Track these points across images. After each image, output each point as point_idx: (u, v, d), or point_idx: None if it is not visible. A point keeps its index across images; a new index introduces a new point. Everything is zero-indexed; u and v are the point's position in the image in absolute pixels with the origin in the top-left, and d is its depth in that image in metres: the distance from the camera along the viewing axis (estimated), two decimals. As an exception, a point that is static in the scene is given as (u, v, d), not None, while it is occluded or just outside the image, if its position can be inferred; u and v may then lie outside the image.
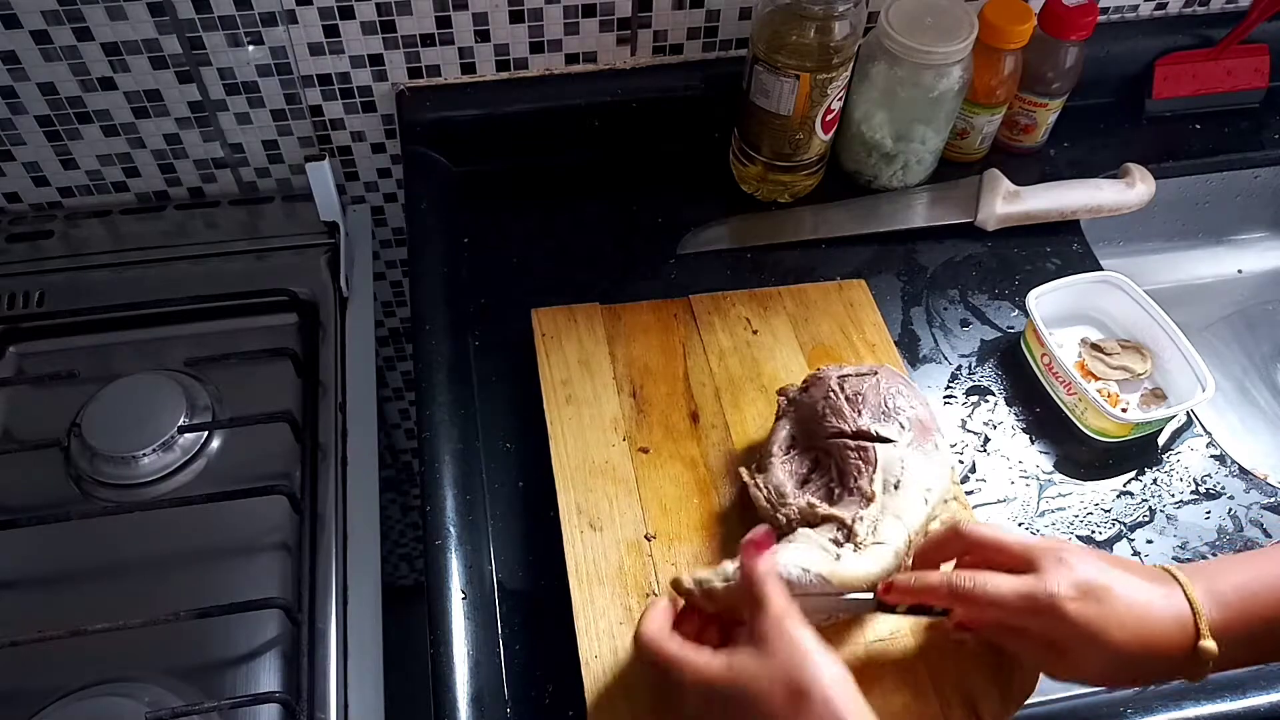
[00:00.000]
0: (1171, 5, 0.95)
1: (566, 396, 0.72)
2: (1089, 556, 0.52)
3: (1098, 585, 0.50)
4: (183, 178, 0.90)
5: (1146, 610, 0.50)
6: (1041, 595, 0.50)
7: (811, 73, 0.76)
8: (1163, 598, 0.50)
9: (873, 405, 0.62)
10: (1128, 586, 0.50)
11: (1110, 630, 0.49)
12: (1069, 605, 0.49)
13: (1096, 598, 0.50)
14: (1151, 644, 0.49)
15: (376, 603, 0.70)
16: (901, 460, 0.60)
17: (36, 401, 0.79)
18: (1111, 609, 0.50)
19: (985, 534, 0.54)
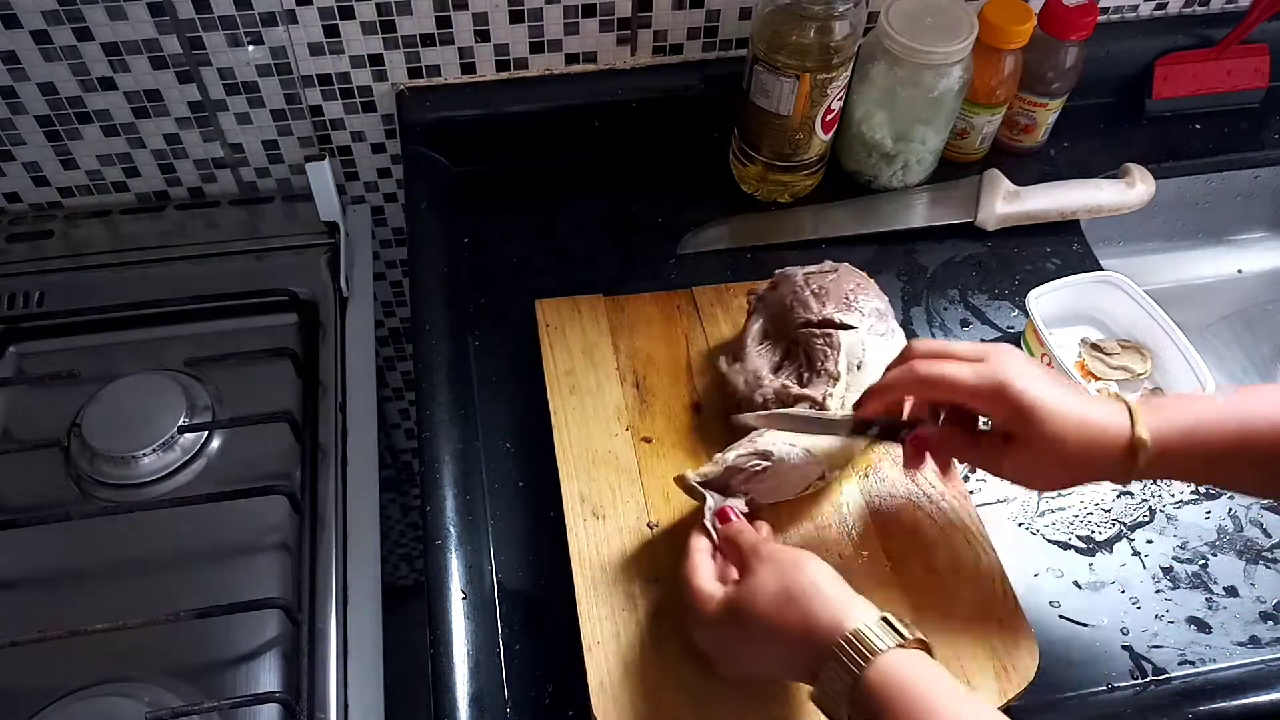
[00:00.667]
0: (1171, 5, 0.95)
1: (570, 387, 0.72)
2: (1030, 359, 0.57)
3: (1042, 374, 0.56)
4: (183, 178, 0.90)
5: (1086, 403, 0.55)
6: (991, 372, 0.55)
7: (811, 73, 0.76)
8: (1101, 400, 0.56)
9: (835, 297, 0.69)
10: (1069, 386, 0.56)
11: (1049, 408, 0.54)
12: (1015, 381, 0.54)
13: (1042, 380, 0.55)
14: (1090, 430, 0.54)
15: (376, 603, 0.70)
16: (863, 343, 0.67)
17: (36, 401, 0.79)
18: (1054, 393, 0.54)
19: (935, 344, 0.59)
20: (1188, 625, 0.65)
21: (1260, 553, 0.69)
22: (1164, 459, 0.54)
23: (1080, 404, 0.55)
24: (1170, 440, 0.54)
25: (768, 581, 0.53)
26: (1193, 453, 0.54)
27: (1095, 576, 0.67)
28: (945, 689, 0.47)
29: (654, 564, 0.63)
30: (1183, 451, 0.54)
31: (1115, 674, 0.63)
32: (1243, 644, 0.65)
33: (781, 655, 0.52)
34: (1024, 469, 0.57)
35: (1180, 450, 0.54)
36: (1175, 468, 0.56)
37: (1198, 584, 0.67)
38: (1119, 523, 0.70)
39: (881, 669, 0.47)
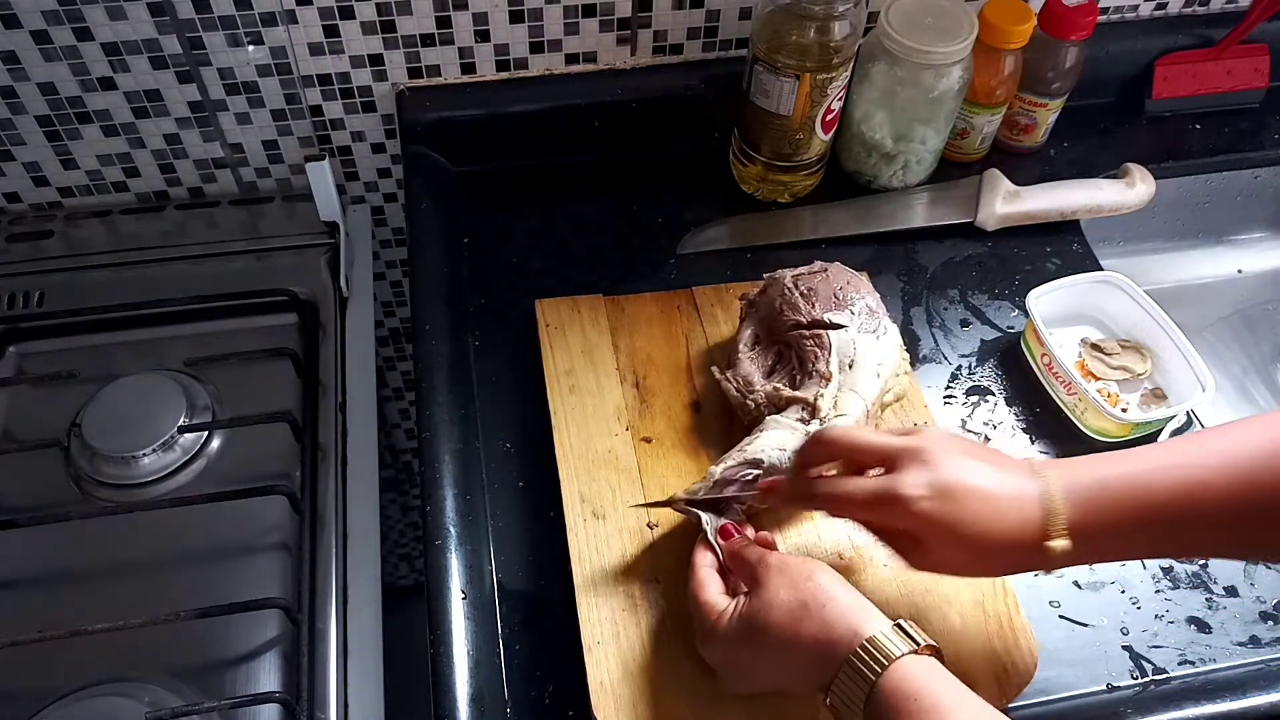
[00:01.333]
0: (1171, 5, 0.95)
1: (570, 387, 0.72)
2: (951, 452, 0.53)
3: (951, 483, 0.51)
4: (183, 178, 0.90)
5: (998, 508, 0.51)
6: (889, 496, 0.52)
7: (811, 73, 0.76)
8: (1015, 495, 0.52)
9: (824, 297, 0.69)
10: (983, 482, 0.52)
11: (963, 526, 0.51)
12: (919, 504, 0.51)
13: (949, 495, 0.51)
14: (1005, 538, 0.51)
15: (376, 603, 0.70)
16: (854, 342, 0.67)
17: (36, 401, 0.79)
18: (964, 505, 0.51)
19: (844, 438, 0.57)
20: (1188, 625, 0.65)
21: (1260, 553, 0.69)
22: (1081, 554, 0.51)
23: (990, 515, 0.51)
24: (1087, 537, 0.51)
25: (780, 593, 0.52)
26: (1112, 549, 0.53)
27: (1095, 576, 0.67)
28: (957, 694, 0.47)
29: (654, 564, 0.63)
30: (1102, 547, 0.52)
31: (1115, 674, 0.63)
32: (1243, 644, 0.65)
33: (797, 666, 0.52)
34: (932, 567, 0.54)
35: (1100, 546, 0.52)
36: (1097, 556, 0.53)
37: (1198, 584, 0.67)
38: (1119, 523, 0.70)
39: (896, 675, 0.47)
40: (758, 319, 0.72)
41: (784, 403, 0.65)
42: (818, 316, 0.68)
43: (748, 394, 0.68)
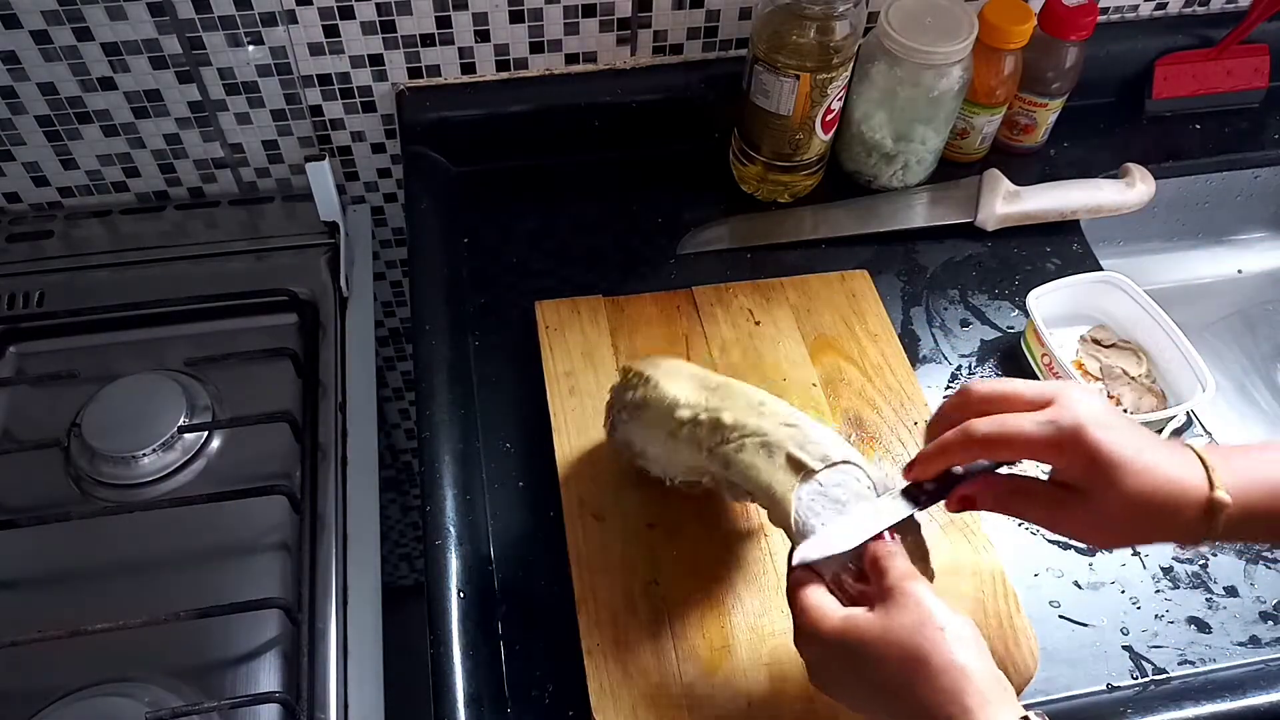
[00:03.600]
0: (1171, 5, 0.95)
1: (570, 388, 0.72)
2: (1106, 403, 0.50)
3: (1118, 417, 0.49)
4: (183, 178, 0.90)
5: (1161, 456, 0.48)
6: (1066, 422, 0.48)
7: (811, 73, 0.76)
8: (1175, 448, 0.49)
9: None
10: (1144, 433, 0.49)
11: (1128, 464, 0.47)
12: (1093, 431, 0.48)
13: (1118, 427, 0.48)
14: (1173, 486, 0.48)
15: (376, 603, 0.70)
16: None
17: (36, 401, 0.78)
18: (1131, 441, 0.48)
19: (997, 387, 0.52)
20: (1188, 625, 0.65)
21: (1260, 553, 0.69)
22: (1243, 521, 0.48)
23: (1156, 457, 0.48)
24: (1251, 501, 0.48)
25: (904, 630, 0.46)
26: (1274, 515, 0.48)
27: (1095, 576, 0.67)
28: None
29: (654, 566, 0.63)
30: (1265, 513, 0.48)
31: (1115, 674, 0.63)
32: (1243, 644, 0.65)
33: (890, 714, 0.47)
34: (1089, 527, 0.51)
35: (1263, 512, 0.48)
36: (1253, 530, 0.49)
37: (1198, 584, 0.67)
38: (1119, 523, 0.70)
39: None
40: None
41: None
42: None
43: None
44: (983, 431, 0.50)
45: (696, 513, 0.66)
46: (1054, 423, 0.49)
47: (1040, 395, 0.51)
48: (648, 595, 0.62)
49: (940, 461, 0.53)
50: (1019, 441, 0.50)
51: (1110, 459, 0.48)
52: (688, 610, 0.62)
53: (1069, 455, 0.49)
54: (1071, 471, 0.49)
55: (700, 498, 0.66)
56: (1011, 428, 0.50)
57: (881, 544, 0.51)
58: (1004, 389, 0.52)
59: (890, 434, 0.71)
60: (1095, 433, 0.48)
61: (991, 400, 0.52)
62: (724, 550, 0.65)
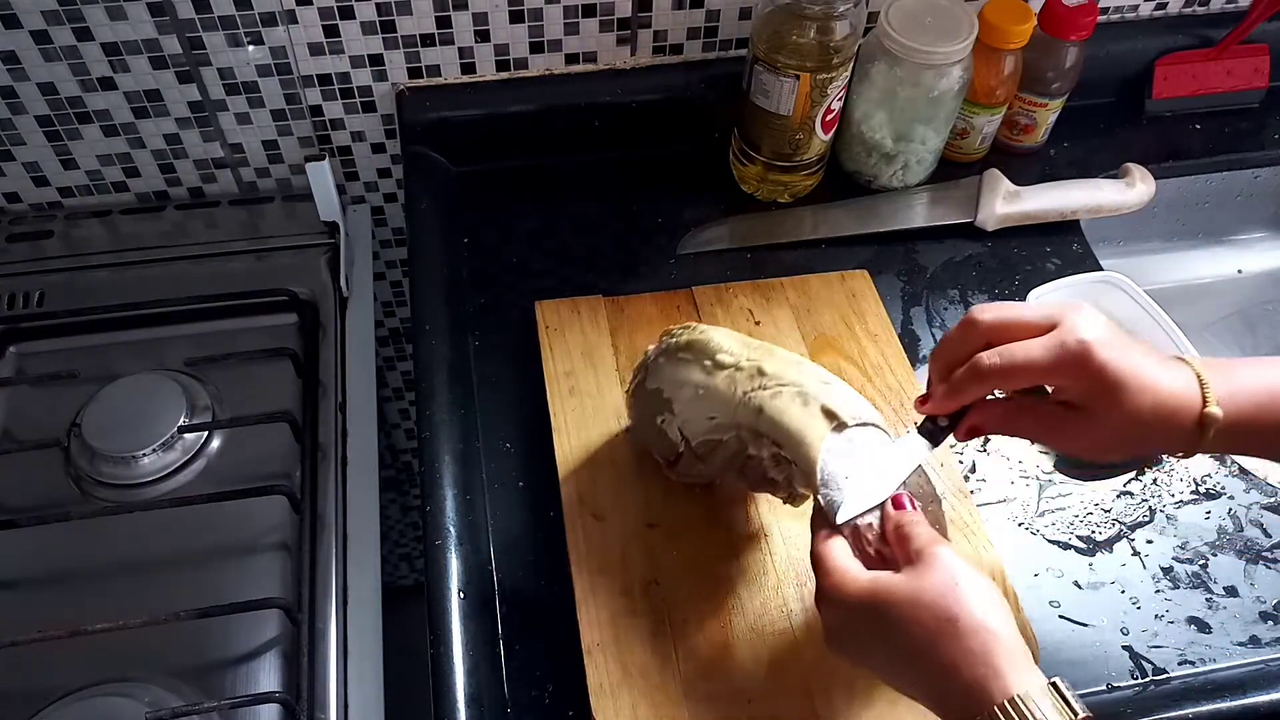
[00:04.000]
0: (1171, 5, 0.95)
1: (570, 388, 0.72)
2: (1108, 322, 0.52)
3: (1119, 335, 0.50)
4: (183, 178, 0.90)
5: (1161, 364, 0.50)
6: (1072, 342, 0.50)
7: (811, 73, 0.76)
8: (1173, 364, 0.51)
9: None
10: (1142, 349, 0.51)
11: (1130, 383, 0.49)
12: (1099, 352, 0.49)
13: (1122, 345, 0.50)
14: (1170, 399, 0.49)
15: (376, 603, 0.70)
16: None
17: (36, 401, 0.78)
18: (1133, 359, 0.50)
19: (1001, 313, 0.53)
20: (1188, 625, 0.65)
21: (1260, 553, 0.69)
22: (1234, 433, 0.50)
23: (1156, 375, 0.50)
24: (1242, 412, 0.50)
25: (932, 592, 0.46)
26: (1263, 428, 0.50)
27: (1095, 576, 0.67)
28: None
29: (654, 566, 0.63)
30: (1252, 426, 0.50)
31: (1115, 674, 0.63)
32: (1243, 644, 0.65)
33: (919, 682, 0.47)
34: (1088, 442, 0.52)
35: (1249, 424, 0.50)
36: (1243, 442, 0.52)
37: (1198, 584, 0.67)
38: (1119, 523, 0.70)
39: None
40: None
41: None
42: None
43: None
44: (992, 365, 0.51)
45: (697, 513, 0.66)
46: (1061, 345, 0.50)
47: (1045, 318, 0.52)
48: (648, 595, 0.62)
49: (954, 400, 0.54)
50: (1028, 369, 0.51)
51: (1115, 379, 0.49)
52: (688, 610, 0.62)
53: (1074, 375, 0.50)
54: (1075, 390, 0.51)
55: (701, 498, 0.66)
56: (1020, 357, 0.51)
57: (904, 513, 0.52)
58: (1008, 315, 0.53)
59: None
60: (1101, 353, 0.49)
61: (996, 328, 0.53)
62: (724, 550, 0.65)
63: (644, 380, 0.64)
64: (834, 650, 0.52)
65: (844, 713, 0.58)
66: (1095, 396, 0.50)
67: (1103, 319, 0.51)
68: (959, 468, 0.71)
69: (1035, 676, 0.44)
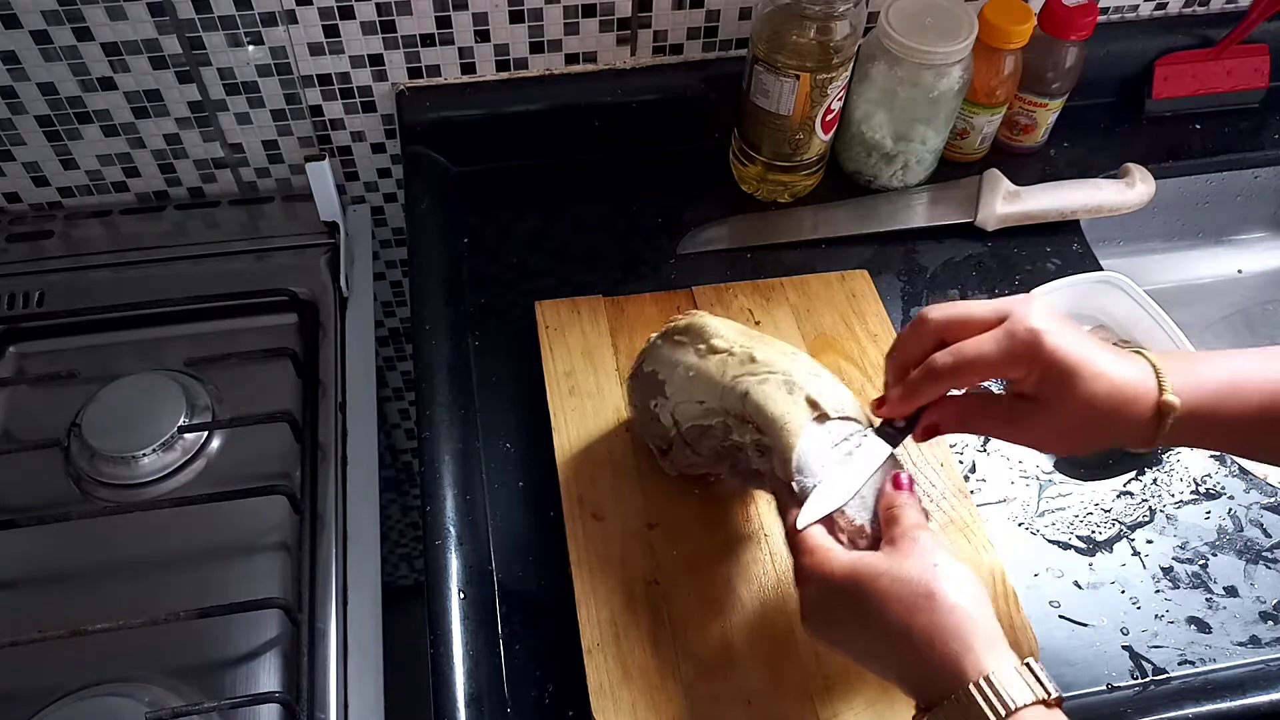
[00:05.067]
0: (1171, 5, 0.95)
1: (570, 388, 0.72)
2: (1058, 314, 0.52)
3: (1070, 325, 0.51)
4: (183, 178, 0.90)
5: (1114, 361, 0.50)
6: (1022, 331, 0.50)
7: (811, 73, 0.76)
8: (1128, 355, 0.51)
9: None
10: (1094, 340, 0.51)
11: (1082, 369, 0.49)
12: (1048, 339, 0.49)
13: (1073, 334, 0.50)
14: (1126, 388, 0.49)
15: (376, 603, 0.70)
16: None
17: (36, 401, 0.78)
18: (1085, 347, 0.50)
19: (951, 310, 0.53)
20: (1188, 625, 0.65)
21: (1260, 553, 0.69)
22: (1191, 423, 0.50)
23: (1109, 363, 0.50)
24: (1199, 403, 0.50)
25: (912, 571, 0.47)
26: (1220, 418, 0.50)
27: (1095, 576, 0.67)
28: None
29: (654, 565, 0.63)
30: (1210, 416, 0.50)
31: (1115, 674, 0.63)
32: (1243, 644, 0.65)
33: (891, 657, 0.47)
34: (1047, 434, 0.52)
35: (1208, 415, 0.50)
36: (1200, 433, 0.51)
37: (1198, 584, 0.67)
38: (1119, 523, 0.70)
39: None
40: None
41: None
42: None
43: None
44: (945, 364, 0.52)
45: (697, 512, 0.66)
46: (1010, 335, 0.50)
47: (994, 312, 0.52)
48: (648, 595, 0.62)
49: (910, 402, 0.54)
50: (980, 364, 0.51)
51: (1066, 365, 0.49)
52: (688, 610, 0.62)
53: (1026, 365, 0.50)
54: (1029, 381, 0.51)
55: (701, 497, 0.66)
56: (971, 353, 0.51)
57: (898, 493, 0.53)
58: (958, 312, 0.53)
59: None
60: (1050, 340, 0.49)
61: (948, 326, 0.53)
62: (724, 550, 0.65)
63: (642, 364, 0.65)
64: (810, 629, 0.52)
65: (844, 713, 0.58)
66: (1049, 384, 0.50)
67: (1053, 310, 0.51)
68: (959, 468, 0.71)
69: (1009, 656, 0.45)
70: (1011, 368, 0.51)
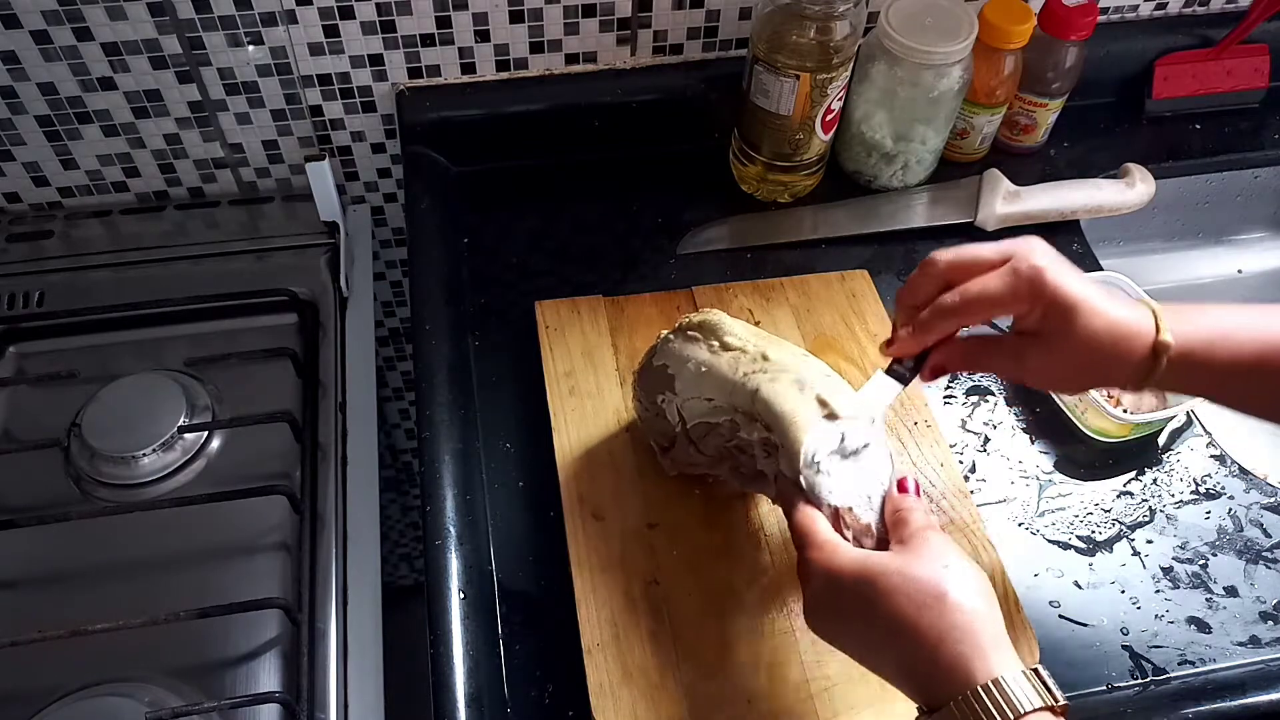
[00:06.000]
0: (1171, 5, 0.95)
1: (570, 388, 0.72)
2: (1060, 255, 0.53)
3: (1071, 267, 0.52)
4: (183, 178, 0.90)
5: (1114, 301, 0.52)
6: (1025, 268, 0.51)
7: (811, 73, 0.76)
8: (1127, 300, 0.53)
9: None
10: (1095, 282, 0.53)
11: (1083, 304, 0.51)
12: (1050, 275, 0.51)
13: (1075, 272, 0.52)
14: (1125, 325, 0.51)
15: (376, 603, 0.70)
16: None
17: (36, 401, 0.78)
18: (1087, 286, 0.52)
19: (959, 253, 0.55)
20: (1188, 625, 0.65)
21: (1260, 553, 0.69)
22: (1184, 366, 0.51)
23: (1109, 301, 0.52)
24: (1193, 347, 0.51)
25: (924, 570, 0.47)
26: (1213, 364, 0.51)
27: (1095, 576, 0.67)
28: None
29: (654, 565, 0.63)
30: (1204, 361, 0.51)
31: (1115, 674, 0.63)
32: (1243, 644, 0.65)
33: (896, 654, 0.47)
34: (1047, 367, 0.53)
35: (1201, 359, 0.51)
36: (1193, 378, 0.52)
37: (1198, 584, 0.67)
38: (1119, 523, 0.70)
39: None
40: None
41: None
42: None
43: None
44: (952, 302, 0.54)
45: (697, 512, 0.66)
46: (1014, 272, 0.52)
47: (999, 253, 0.53)
48: (648, 595, 0.62)
49: (919, 340, 0.56)
50: (985, 300, 0.53)
51: (1067, 299, 0.51)
52: (688, 610, 0.62)
53: (1029, 300, 0.52)
54: (1033, 317, 0.52)
55: (701, 498, 0.66)
56: (976, 290, 0.53)
57: (906, 496, 0.53)
58: (964, 254, 0.55)
59: (890, 433, 0.71)
60: (1052, 276, 0.51)
61: (956, 267, 0.55)
62: (724, 550, 0.65)
63: (652, 359, 0.64)
64: (814, 624, 0.52)
65: (844, 713, 0.58)
66: (1051, 319, 0.51)
67: (1058, 256, 0.53)
68: (959, 468, 0.71)
69: (1018, 661, 0.45)
70: (1015, 304, 0.52)
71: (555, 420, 0.70)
